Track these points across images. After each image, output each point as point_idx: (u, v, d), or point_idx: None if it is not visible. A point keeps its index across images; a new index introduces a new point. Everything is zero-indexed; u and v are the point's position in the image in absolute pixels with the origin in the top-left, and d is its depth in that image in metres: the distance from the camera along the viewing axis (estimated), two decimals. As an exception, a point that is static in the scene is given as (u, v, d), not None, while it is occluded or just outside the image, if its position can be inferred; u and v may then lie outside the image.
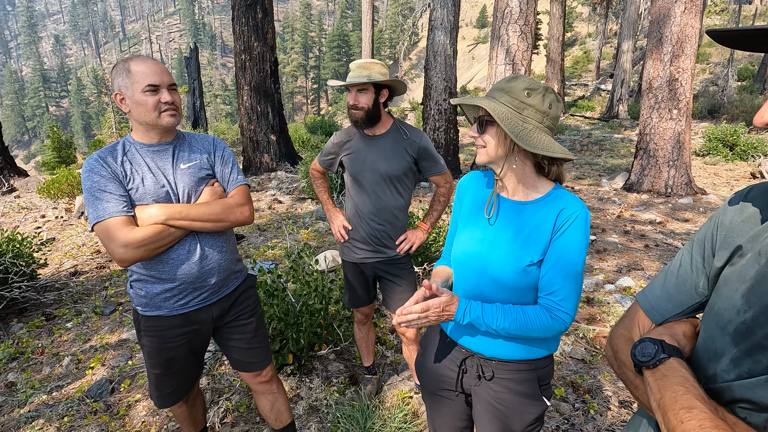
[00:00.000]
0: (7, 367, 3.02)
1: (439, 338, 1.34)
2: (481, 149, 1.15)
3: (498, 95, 1.11)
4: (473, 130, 1.16)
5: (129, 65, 1.44)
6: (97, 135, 22.11)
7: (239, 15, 8.48)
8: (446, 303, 1.10)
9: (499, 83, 1.13)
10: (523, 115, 1.08)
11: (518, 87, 1.09)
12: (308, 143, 12.03)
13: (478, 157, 1.17)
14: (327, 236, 5.28)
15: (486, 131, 1.13)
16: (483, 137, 1.13)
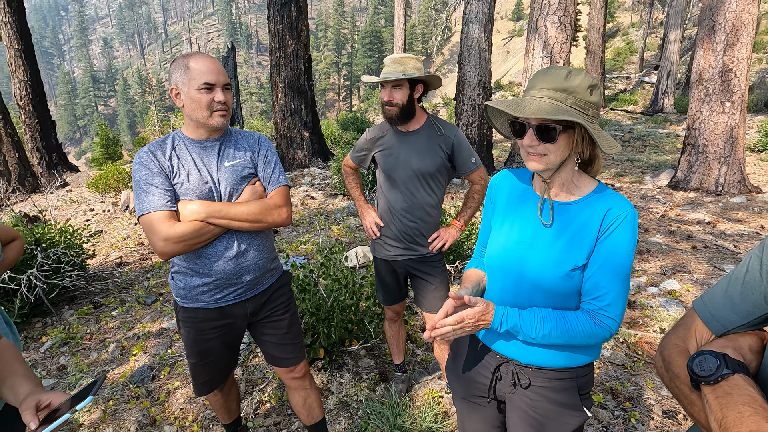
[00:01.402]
0: (59, 351, 3.22)
1: (471, 343, 1.30)
2: (540, 158, 1.03)
3: (560, 97, 1.00)
4: (531, 139, 1.02)
5: (188, 62, 1.46)
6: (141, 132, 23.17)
7: (274, 14, 8.63)
8: (481, 312, 1.06)
9: (554, 81, 1.01)
10: (588, 115, 1.00)
11: (582, 86, 0.99)
12: (340, 140, 12.13)
13: (534, 165, 1.05)
14: (358, 232, 5.30)
15: (558, 139, 1.01)
16: (548, 146, 1.01)
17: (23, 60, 10.18)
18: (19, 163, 9.53)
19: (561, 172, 1.08)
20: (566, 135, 1.01)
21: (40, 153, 10.59)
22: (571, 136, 1.01)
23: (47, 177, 10.39)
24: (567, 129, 1.00)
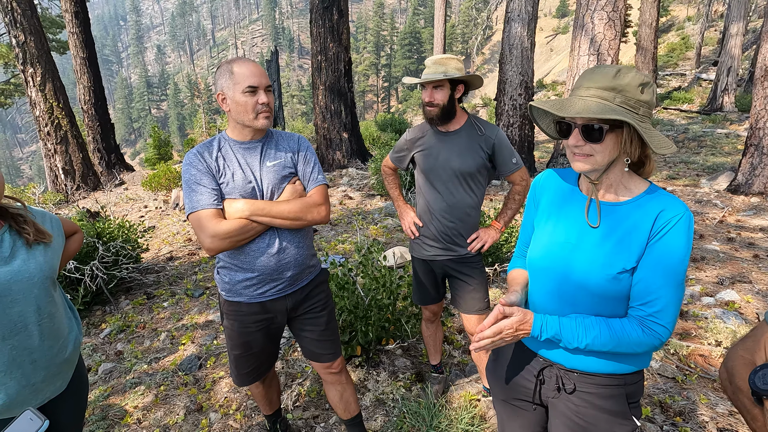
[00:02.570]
0: (117, 338, 3.45)
1: (513, 344, 1.29)
2: (586, 158, 1.00)
3: (608, 96, 0.97)
4: (576, 139, 1.00)
5: (232, 67, 1.54)
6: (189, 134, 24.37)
7: (316, 17, 8.83)
8: (519, 322, 1.05)
9: (602, 80, 0.98)
10: (639, 114, 0.97)
11: (633, 84, 0.96)
12: (378, 140, 12.22)
13: (580, 166, 1.02)
14: (395, 232, 5.33)
15: (605, 139, 0.97)
16: (594, 146, 0.99)
17: (87, 67, 10.99)
18: (83, 163, 10.29)
19: (609, 173, 1.05)
20: (614, 135, 0.98)
21: (101, 153, 11.38)
22: (620, 136, 0.98)
23: (107, 176, 11.15)
24: (615, 129, 0.97)
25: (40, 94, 9.65)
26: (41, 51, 9.56)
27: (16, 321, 1.24)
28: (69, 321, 1.47)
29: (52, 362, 1.35)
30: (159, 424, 2.44)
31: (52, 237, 1.37)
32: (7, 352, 1.23)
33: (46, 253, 1.34)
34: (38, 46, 9.50)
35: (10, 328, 1.23)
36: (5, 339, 1.22)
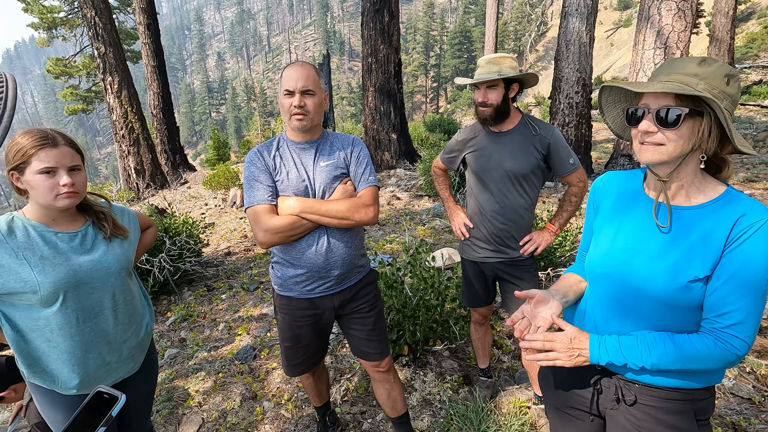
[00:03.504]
0: (180, 326, 3.71)
1: None
2: (656, 147, 0.94)
3: (691, 81, 0.90)
4: (648, 125, 0.93)
5: (283, 71, 1.63)
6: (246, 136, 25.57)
7: (367, 20, 8.96)
8: (574, 338, 1.05)
9: (685, 67, 0.92)
10: (722, 107, 0.89)
11: (718, 73, 0.89)
12: (426, 141, 12.17)
13: (648, 156, 0.95)
14: (444, 234, 5.29)
15: (681, 126, 0.90)
16: (668, 133, 0.92)
17: (157, 75, 11.87)
18: (152, 163, 11.13)
19: (681, 170, 0.98)
20: (691, 123, 0.91)
21: (167, 155, 12.25)
22: (697, 124, 0.91)
23: (172, 175, 11.98)
24: (693, 115, 0.90)
25: (117, 101, 10.56)
26: (118, 61, 10.46)
27: (94, 306, 1.37)
28: (142, 308, 1.60)
29: (125, 345, 1.48)
30: (217, 409, 2.60)
31: (128, 232, 1.51)
32: (86, 333, 1.37)
33: (123, 246, 1.48)
34: (116, 57, 10.41)
35: (88, 312, 1.36)
36: (84, 322, 1.36)
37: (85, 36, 15.33)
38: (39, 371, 1.36)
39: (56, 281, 1.27)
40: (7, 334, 1.31)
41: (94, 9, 9.99)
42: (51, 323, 1.30)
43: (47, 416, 1.45)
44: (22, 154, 1.24)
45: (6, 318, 1.30)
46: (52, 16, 16.18)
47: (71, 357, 1.35)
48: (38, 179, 1.25)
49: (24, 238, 1.28)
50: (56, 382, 1.38)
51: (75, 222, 1.39)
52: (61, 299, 1.29)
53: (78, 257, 1.35)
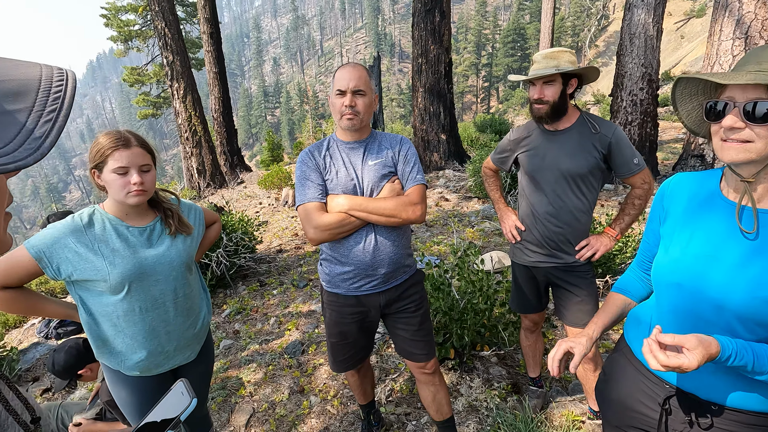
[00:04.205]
0: (234, 319, 3.90)
1: (630, 366, 1.15)
2: (742, 144, 0.86)
3: None
4: (734, 120, 0.85)
5: (335, 71, 1.66)
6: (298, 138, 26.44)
7: (418, 21, 8.93)
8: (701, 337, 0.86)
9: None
10: None
11: None
12: (477, 142, 11.93)
13: (732, 155, 0.88)
14: (493, 236, 5.15)
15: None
16: (757, 129, 0.84)
17: (218, 81, 12.57)
18: (212, 164, 11.81)
19: None
20: None
21: (226, 156, 12.94)
22: None
23: (230, 175, 12.63)
24: None
25: (182, 105, 11.31)
26: (184, 68, 11.21)
27: (156, 297, 1.48)
28: (201, 302, 1.70)
29: (183, 335, 1.58)
30: (267, 400, 2.70)
31: (192, 229, 1.61)
32: (148, 322, 1.47)
33: (186, 242, 1.58)
34: (182, 65, 11.15)
35: (151, 302, 1.47)
36: (147, 311, 1.46)
37: (155, 46, 16.60)
38: (106, 352, 1.49)
39: (123, 272, 1.38)
40: (82, 316, 1.45)
41: (164, 21, 10.77)
42: (117, 310, 1.42)
43: (114, 393, 1.58)
44: (100, 154, 1.36)
45: (82, 301, 1.43)
46: (128, 29, 17.67)
47: (134, 342, 1.46)
48: (113, 177, 1.36)
49: (100, 231, 1.40)
50: (121, 363, 1.50)
51: (145, 217, 1.51)
52: (126, 289, 1.40)
53: (144, 251, 1.45)
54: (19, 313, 1.44)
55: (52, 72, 0.41)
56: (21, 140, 0.34)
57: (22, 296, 1.39)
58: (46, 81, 0.40)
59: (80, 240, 1.36)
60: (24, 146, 0.34)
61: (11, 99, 0.37)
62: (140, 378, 1.55)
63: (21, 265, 1.32)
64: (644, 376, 1.10)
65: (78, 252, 1.35)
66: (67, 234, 1.35)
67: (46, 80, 0.40)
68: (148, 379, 1.56)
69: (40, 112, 0.37)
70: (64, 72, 0.42)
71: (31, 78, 0.39)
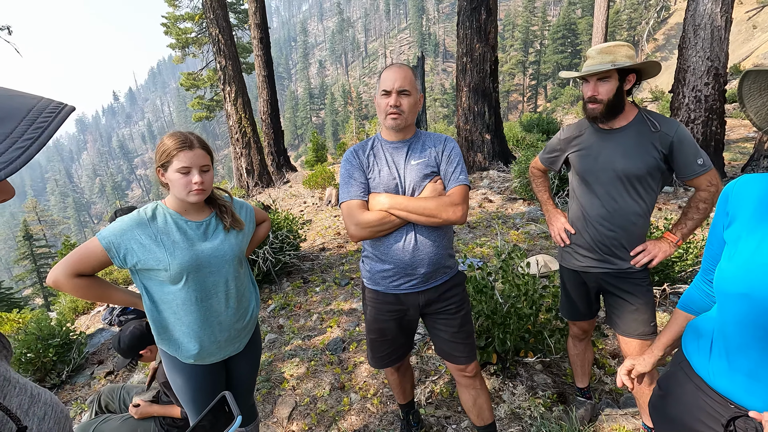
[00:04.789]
0: (279, 314, 4.02)
1: (689, 382, 1.07)
2: None
3: None
4: None
5: (381, 73, 1.67)
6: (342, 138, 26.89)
7: (463, 19, 8.80)
8: None
9: None
10: None
11: None
12: (522, 142, 11.58)
13: None
14: (539, 239, 4.98)
15: None
16: None
17: (267, 84, 13.03)
18: (260, 164, 12.26)
19: None
20: None
21: (273, 156, 13.38)
22: None
23: (276, 175, 13.05)
24: None
25: (233, 108, 11.84)
26: (236, 72, 11.72)
27: (210, 288, 1.56)
28: (250, 295, 1.77)
29: (233, 327, 1.66)
30: (309, 394, 2.76)
31: (244, 224, 1.69)
32: (202, 312, 1.56)
33: (238, 237, 1.66)
34: (234, 69, 11.67)
35: (205, 293, 1.55)
36: (202, 301, 1.55)
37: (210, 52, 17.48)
38: (165, 338, 1.59)
39: (182, 263, 1.47)
40: (145, 303, 1.56)
41: (218, 27, 11.32)
42: (177, 298, 1.51)
43: (170, 378, 1.69)
44: (167, 154, 1.46)
45: (145, 290, 1.54)
46: (185, 37, 18.72)
47: (190, 330, 1.55)
48: (176, 176, 1.46)
49: (162, 224, 1.51)
50: (178, 350, 1.59)
51: (202, 213, 1.60)
52: (184, 279, 1.49)
53: (201, 244, 1.54)
54: (90, 299, 1.55)
55: (47, 105, 0.43)
56: None
57: (94, 284, 1.51)
58: (36, 112, 0.41)
59: (145, 232, 1.46)
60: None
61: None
62: (195, 366, 1.64)
63: (93, 254, 1.44)
64: (705, 394, 1.03)
65: (143, 243, 1.45)
66: (133, 227, 1.46)
67: (36, 111, 0.41)
68: (201, 367, 1.65)
69: (15, 139, 0.38)
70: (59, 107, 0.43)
71: (21, 108, 0.41)
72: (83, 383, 3.61)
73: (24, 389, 0.59)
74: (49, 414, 0.60)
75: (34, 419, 0.57)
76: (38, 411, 0.58)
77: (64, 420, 0.63)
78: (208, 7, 11.29)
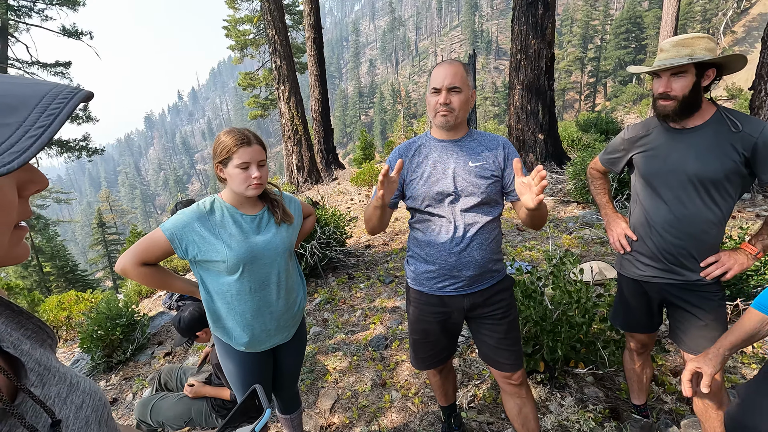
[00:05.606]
0: (324, 307, 4.11)
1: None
2: None
3: None
4: None
5: (432, 70, 1.65)
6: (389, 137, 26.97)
7: (519, 15, 8.52)
8: None
9: None
10: None
11: None
12: (578, 142, 11.04)
13: None
14: (593, 245, 4.72)
15: None
16: None
17: (319, 83, 13.34)
18: (310, 161, 12.59)
19: None
20: None
21: (322, 154, 13.69)
22: None
23: (325, 172, 13.35)
24: None
25: (286, 106, 12.23)
26: (290, 72, 12.10)
27: (263, 279, 1.62)
28: (298, 287, 1.82)
29: (282, 317, 1.71)
30: (351, 388, 2.79)
31: (293, 218, 1.74)
32: (255, 302, 1.62)
33: (288, 230, 1.71)
34: (288, 68, 12.05)
35: (259, 283, 1.61)
36: (255, 292, 1.61)
37: (266, 53, 18.17)
38: (220, 327, 1.66)
39: (239, 255, 1.54)
40: (202, 293, 1.64)
41: (275, 29, 11.73)
42: (232, 289, 1.58)
43: (222, 363, 1.78)
44: (227, 150, 1.52)
45: (202, 280, 1.63)
46: (244, 38, 19.59)
47: (243, 319, 1.62)
48: (236, 172, 1.53)
49: (220, 217, 1.58)
50: (231, 338, 1.67)
51: (256, 207, 1.67)
52: (240, 270, 1.56)
53: (255, 237, 1.60)
54: (154, 286, 1.65)
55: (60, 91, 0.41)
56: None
57: (158, 272, 1.61)
58: (49, 98, 0.40)
59: (204, 225, 1.54)
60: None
61: (6, 113, 0.37)
62: (246, 353, 1.72)
63: (158, 245, 1.53)
64: None
65: (202, 235, 1.53)
66: (194, 219, 1.53)
67: (48, 98, 0.40)
68: (252, 354, 1.72)
69: (28, 128, 0.37)
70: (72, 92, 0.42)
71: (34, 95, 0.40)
72: (144, 361, 3.89)
73: (63, 378, 0.60)
74: (87, 402, 0.61)
75: (71, 407, 0.57)
76: (76, 399, 0.59)
77: (102, 408, 0.64)
78: (266, 9, 11.73)
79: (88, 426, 0.58)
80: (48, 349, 0.63)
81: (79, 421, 0.57)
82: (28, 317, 0.62)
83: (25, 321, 0.61)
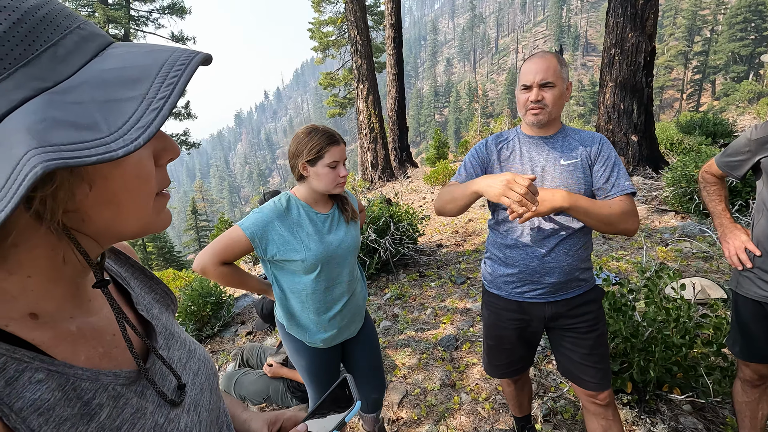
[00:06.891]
0: (394, 303, 4.14)
1: None
2: None
3: None
4: None
5: (522, 65, 1.57)
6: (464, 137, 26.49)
7: (615, 6, 7.86)
8: None
9: None
10: None
11: None
12: (679, 145, 9.91)
13: None
14: (694, 260, 4.22)
15: None
16: None
17: (396, 82, 13.47)
18: (384, 159, 12.79)
19: None
20: None
21: (396, 152, 13.82)
22: None
23: (398, 170, 13.47)
24: None
25: (364, 104, 12.53)
26: (369, 71, 12.38)
27: (336, 278, 1.63)
28: (360, 282, 1.84)
29: (350, 311, 1.72)
30: (419, 385, 2.79)
31: (358, 215, 1.75)
32: (329, 300, 1.63)
33: (356, 228, 1.73)
34: (368, 68, 12.34)
35: (332, 282, 1.62)
36: (329, 290, 1.62)
37: (347, 53, 18.75)
38: (294, 324, 1.68)
39: (317, 254, 1.53)
40: (276, 292, 1.65)
41: (357, 29, 12.07)
42: (307, 288, 1.58)
43: (293, 359, 1.79)
44: (318, 149, 1.50)
45: (275, 279, 1.62)
46: (326, 40, 20.41)
47: (316, 317, 1.64)
48: (325, 171, 1.52)
49: (296, 216, 1.57)
50: (305, 335, 1.68)
51: (327, 205, 1.67)
52: (318, 270, 1.56)
53: (328, 236, 1.60)
54: (231, 285, 1.64)
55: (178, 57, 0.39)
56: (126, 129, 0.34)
57: (235, 272, 1.62)
58: (168, 66, 0.38)
59: (283, 224, 1.53)
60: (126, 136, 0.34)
61: (129, 86, 0.36)
62: (316, 349, 1.73)
63: (238, 244, 1.51)
64: None
65: (282, 235, 1.52)
66: (273, 218, 1.53)
67: (168, 65, 0.38)
68: (323, 350, 1.73)
69: (151, 100, 0.35)
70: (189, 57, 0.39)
71: (153, 64, 0.38)
72: (228, 338, 4.23)
73: (184, 344, 0.61)
74: (202, 370, 0.62)
75: (189, 374, 0.58)
76: (193, 366, 0.60)
77: (213, 377, 0.64)
78: (349, 10, 12.11)
79: (203, 393, 0.59)
80: (171, 315, 0.67)
81: (195, 387, 0.58)
82: (157, 283, 0.68)
83: (155, 286, 0.67)
